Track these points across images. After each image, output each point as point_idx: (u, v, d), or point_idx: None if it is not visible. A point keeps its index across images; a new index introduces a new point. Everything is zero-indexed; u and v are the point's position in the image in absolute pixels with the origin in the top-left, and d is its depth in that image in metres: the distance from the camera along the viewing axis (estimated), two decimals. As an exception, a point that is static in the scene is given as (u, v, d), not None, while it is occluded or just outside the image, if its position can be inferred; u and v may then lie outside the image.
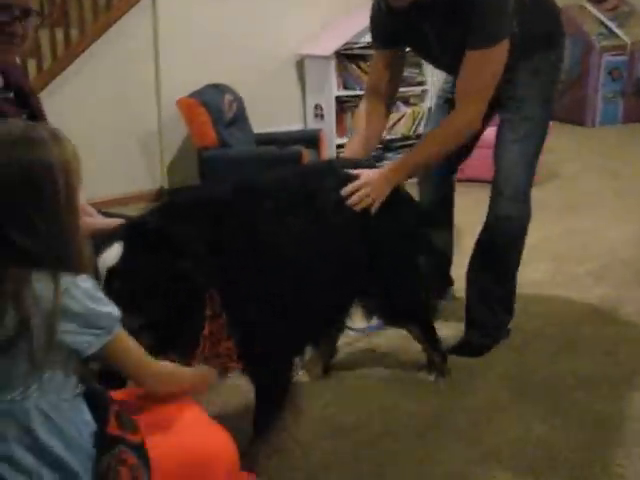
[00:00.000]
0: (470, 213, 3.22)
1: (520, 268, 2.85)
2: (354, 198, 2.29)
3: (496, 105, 2.66)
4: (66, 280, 1.34)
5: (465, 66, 2.43)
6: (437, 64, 2.82)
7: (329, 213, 2.21)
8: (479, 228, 2.85)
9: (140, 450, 1.41)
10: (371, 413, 2.43)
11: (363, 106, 2.71)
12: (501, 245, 2.76)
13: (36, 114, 1.89)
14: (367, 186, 2.31)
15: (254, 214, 2.03)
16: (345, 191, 2.28)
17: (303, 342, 2.26)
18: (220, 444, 1.55)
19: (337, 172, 2.37)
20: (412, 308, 2.55)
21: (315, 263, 2.11)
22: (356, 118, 2.77)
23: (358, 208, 2.29)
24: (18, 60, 2.05)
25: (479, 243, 2.82)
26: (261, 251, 1.97)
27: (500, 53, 2.40)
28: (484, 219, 2.79)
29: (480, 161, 3.11)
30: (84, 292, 1.36)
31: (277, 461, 2.14)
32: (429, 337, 2.62)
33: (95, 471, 1.38)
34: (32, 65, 4.30)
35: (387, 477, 2.12)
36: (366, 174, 2.35)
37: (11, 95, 1.85)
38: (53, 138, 1.38)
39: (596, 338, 2.92)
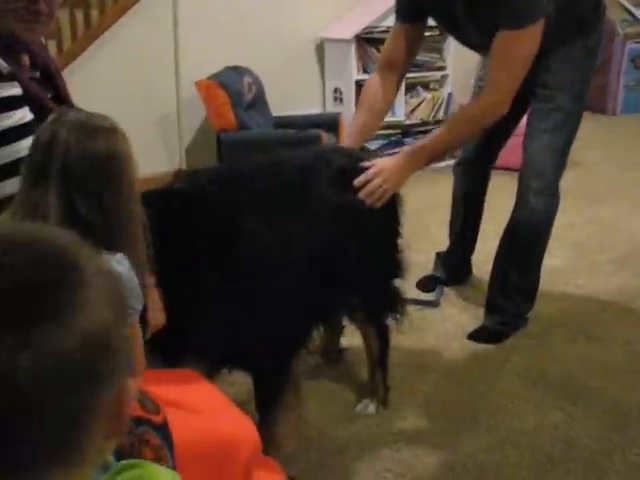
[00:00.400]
0: (491, 201, 3.20)
1: (541, 256, 2.84)
2: (368, 188, 2.09)
3: (529, 93, 2.61)
4: (109, 257, 1.36)
5: (495, 47, 2.33)
6: (467, 43, 2.69)
7: (322, 204, 2.00)
8: (500, 216, 2.84)
9: (163, 430, 1.41)
10: (388, 398, 2.42)
11: (375, 78, 2.52)
12: (527, 237, 2.73)
13: (61, 94, 1.89)
14: (380, 175, 2.12)
15: (239, 202, 1.90)
16: (359, 181, 2.10)
17: (295, 336, 2.06)
18: (244, 428, 1.56)
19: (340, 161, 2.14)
20: (387, 303, 2.34)
21: (303, 256, 1.93)
22: (366, 89, 2.54)
23: (370, 201, 2.09)
24: (43, 40, 2.04)
25: (505, 233, 2.79)
26: (244, 245, 1.85)
27: (532, 35, 2.29)
28: (506, 207, 2.77)
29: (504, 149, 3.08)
30: (126, 270, 1.38)
31: (292, 444, 2.15)
32: (385, 342, 2.36)
33: (118, 450, 1.39)
34: (52, 46, 4.29)
35: (403, 462, 2.13)
36: (381, 162, 2.18)
37: (37, 74, 1.84)
38: (120, 130, 1.48)
39: (615, 327, 2.92)
